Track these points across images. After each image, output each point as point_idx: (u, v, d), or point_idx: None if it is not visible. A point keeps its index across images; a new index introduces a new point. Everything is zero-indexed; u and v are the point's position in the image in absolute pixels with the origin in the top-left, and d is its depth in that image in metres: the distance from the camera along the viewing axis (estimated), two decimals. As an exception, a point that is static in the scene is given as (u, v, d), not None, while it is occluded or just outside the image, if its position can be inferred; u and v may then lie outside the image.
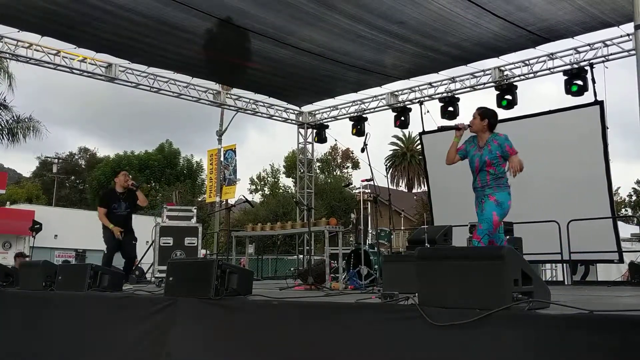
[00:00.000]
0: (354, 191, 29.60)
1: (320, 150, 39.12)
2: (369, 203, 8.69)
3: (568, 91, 9.92)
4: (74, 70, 10.69)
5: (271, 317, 4.22)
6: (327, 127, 14.13)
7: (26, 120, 23.81)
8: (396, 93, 12.51)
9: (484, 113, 5.40)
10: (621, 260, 9.15)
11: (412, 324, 3.30)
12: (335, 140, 14.53)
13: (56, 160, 43.24)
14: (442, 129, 5.60)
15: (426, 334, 3.22)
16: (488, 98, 10.94)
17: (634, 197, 36.83)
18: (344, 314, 3.84)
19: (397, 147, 43.69)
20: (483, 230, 5.11)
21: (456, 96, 11.51)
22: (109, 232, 8.08)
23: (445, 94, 11.61)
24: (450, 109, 11.44)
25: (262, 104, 13.49)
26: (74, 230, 24.45)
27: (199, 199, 34.95)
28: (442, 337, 3.15)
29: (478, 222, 5.27)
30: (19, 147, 24.66)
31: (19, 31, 9.45)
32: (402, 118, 12.23)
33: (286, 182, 39.68)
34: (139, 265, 11.74)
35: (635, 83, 4.55)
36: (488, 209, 5.14)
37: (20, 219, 22.24)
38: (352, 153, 41.13)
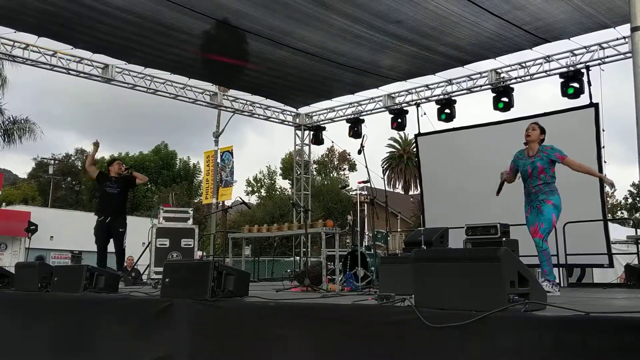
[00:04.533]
0: (350, 193, 29.67)
1: (317, 152, 39.17)
2: (366, 205, 8.69)
3: (564, 93, 9.95)
4: (71, 72, 10.68)
5: (267, 319, 4.22)
6: (324, 128, 14.14)
7: (22, 121, 23.79)
8: (393, 95, 12.52)
9: (543, 128, 6.01)
10: (611, 265, 9.15)
11: (409, 325, 3.30)
12: (332, 142, 14.53)
13: (52, 161, 43.11)
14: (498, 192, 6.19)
15: (422, 335, 3.22)
16: (485, 100, 10.96)
17: (629, 200, 36.98)
18: (340, 316, 3.84)
19: (393, 149, 43.72)
20: (545, 229, 5.63)
21: (453, 98, 11.54)
22: (98, 224, 8.24)
23: (442, 96, 11.62)
24: (447, 111, 11.46)
25: (259, 105, 13.49)
26: (69, 232, 24.38)
27: (196, 201, 34.90)
28: (438, 339, 3.15)
29: (537, 222, 5.67)
30: (15, 148, 24.72)
31: (15, 32, 9.43)
32: (399, 120, 12.24)
33: (283, 183, 39.72)
34: (136, 266, 11.72)
35: (631, 86, 4.55)
36: (547, 210, 5.68)
37: (16, 220, 22.19)
38: (349, 155, 41.19)
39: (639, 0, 2.92)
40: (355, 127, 12.97)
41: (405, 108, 12.26)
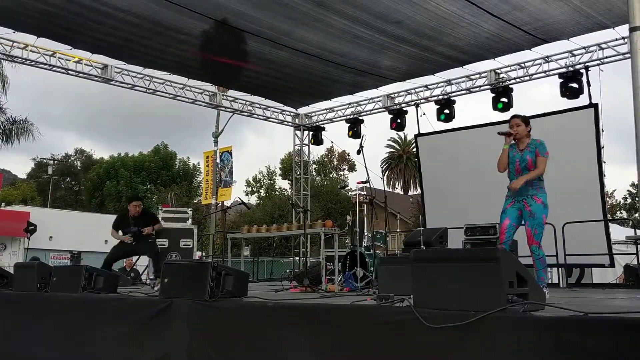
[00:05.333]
0: (350, 193, 29.68)
1: (317, 152, 39.18)
2: (365, 205, 8.69)
3: (563, 94, 9.96)
4: (70, 72, 10.67)
5: (266, 319, 4.22)
6: (324, 129, 14.13)
7: (21, 122, 23.80)
8: (392, 95, 12.53)
9: (525, 119, 5.62)
10: (612, 265, 9.15)
11: (408, 325, 3.30)
12: (332, 142, 14.53)
13: (51, 161, 43.07)
14: (500, 133, 5.66)
15: (421, 335, 3.22)
16: (484, 100, 10.96)
17: (628, 200, 37.01)
18: (339, 316, 3.84)
19: (393, 150, 43.73)
20: (539, 234, 5.27)
21: (452, 98, 11.54)
22: (121, 244, 8.03)
23: (441, 97, 11.62)
24: (447, 111, 11.46)
25: (258, 105, 13.49)
26: (69, 232, 24.37)
27: (195, 201, 34.88)
28: (437, 339, 3.15)
29: (529, 227, 5.29)
30: (14, 149, 24.68)
31: (14, 32, 9.42)
32: (398, 120, 12.24)
33: (282, 184, 39.73)
34: (134, 267, 11.73)
35: (630, 87, 4.54)
36: (539, 212, 5.29)
37: (15, 221, 22.15)
38: (348, 155, 41.19)
39: (637, 0, 2.91)
40: (355, 128, 12.96)
41: (404, 108, 12.26)
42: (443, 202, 11.16)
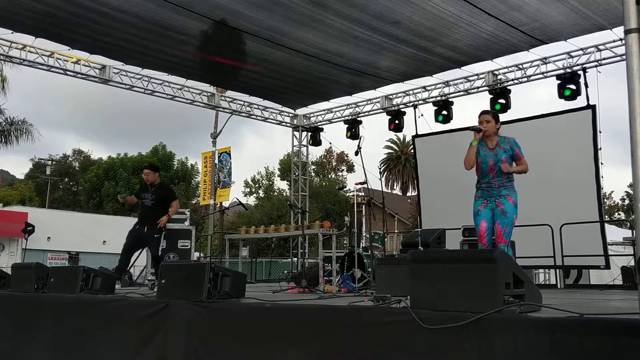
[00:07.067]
0: (348, 194, 29.70)
1: (315, 153, 39.24)
2: (363, 206, 8.70)
3: (561, 95, 9.96)
4: (68, 72, 10.66)
5: (264, 320, 4.21)
6: (322, 130, 14.14)
7: (19, 122, 23.77)
8: (390, 96, 12.53)
9: (496, 116, 5.50)
10: (607, 266, 9.17)
11: (404, 326, 3.30)
12: (330, 143, 14.55)
13: (50, 162, 43.03)
14: (469, 129, 5.63)
15: (418, 336, 3.22)
16: (482, 102, 10.97)
17: (626, 201, 37.06)
18: (336, 317, 3.84)
19: (391, 151, 43.78)
20: (509, 233, 5.20)
21: (450, 100, 11.55)
22: (133, 229, 7.91)
23: (439, 98, 11.63)
24: (444, 112, 11.47)
25: (256, 106, 13.48)
26: (67, 233, 24.37)
27: (193, 202, 34.87)
28: (434, 340, 3.15)
29: (500, 225, 5.22)
30: (12, 149, 24.61)
31: (12, 32, 9.41)
32: (397, 121, 12.25)
33: (281, 185, 39.75)
34: (132, 267, 11.70)
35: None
36: (510, 211, 5.25)
37: (13, 221, 22.14)
38: (347, 156, 41.23)
39: (632, 2, 2.91)
40: (353, 129, 12.98)
41: (402, 109, 12.28)
42: (441, 203, 11.17)
